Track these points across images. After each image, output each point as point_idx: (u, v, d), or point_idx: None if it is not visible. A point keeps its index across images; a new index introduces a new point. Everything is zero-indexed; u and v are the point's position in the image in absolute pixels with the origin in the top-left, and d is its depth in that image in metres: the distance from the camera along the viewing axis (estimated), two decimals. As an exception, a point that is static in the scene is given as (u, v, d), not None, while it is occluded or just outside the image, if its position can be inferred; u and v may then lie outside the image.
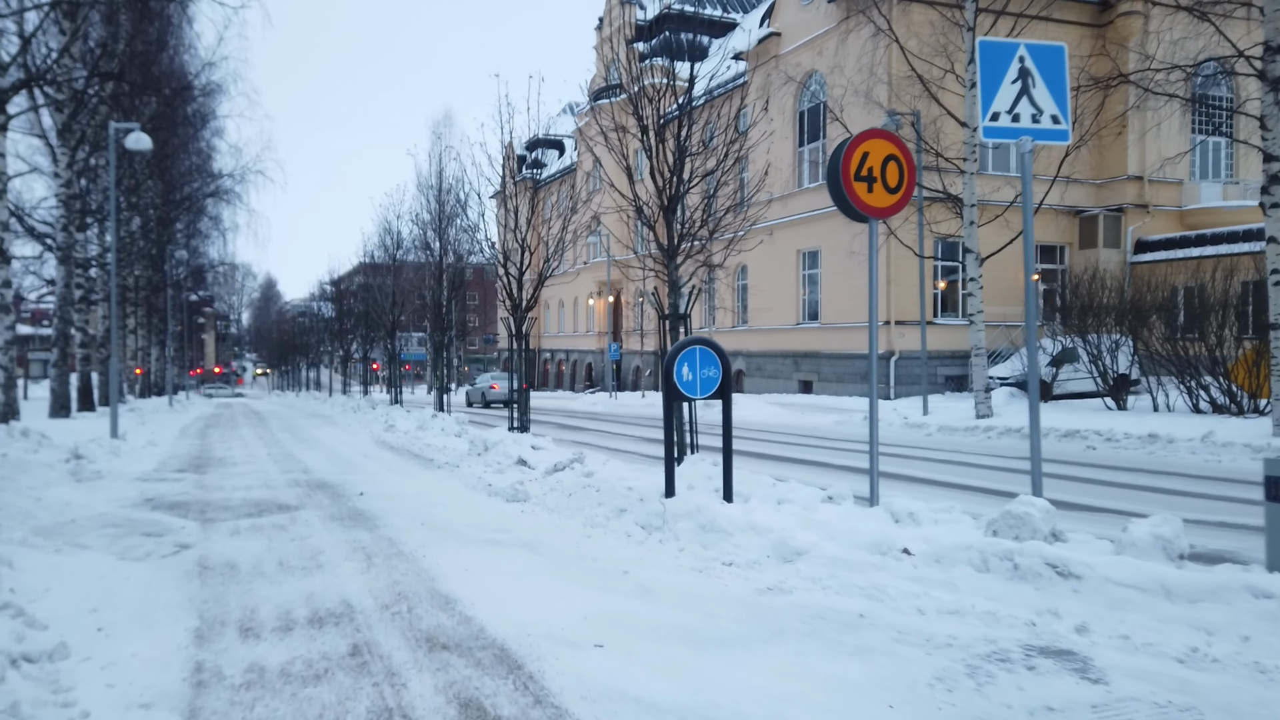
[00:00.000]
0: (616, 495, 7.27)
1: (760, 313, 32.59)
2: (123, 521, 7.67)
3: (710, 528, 5.89)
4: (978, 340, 17.35)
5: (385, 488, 9.79)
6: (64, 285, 19.37)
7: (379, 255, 27.26)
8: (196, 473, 11.56)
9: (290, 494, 9.41)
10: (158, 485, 10.20)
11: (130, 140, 13.41)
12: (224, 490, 9.76)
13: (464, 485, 9.98)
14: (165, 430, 19.03)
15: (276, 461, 12.93)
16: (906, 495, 8.04)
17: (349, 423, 22.10)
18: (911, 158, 5.88)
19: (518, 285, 12.47)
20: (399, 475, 11.04)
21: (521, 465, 11.26)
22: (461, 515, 7.83)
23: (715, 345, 6.71)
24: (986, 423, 16.07)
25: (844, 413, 22.24)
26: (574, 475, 9.78)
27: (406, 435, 16.72)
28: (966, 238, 17.20)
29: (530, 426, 12.99)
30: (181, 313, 49.91)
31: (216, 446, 15.78)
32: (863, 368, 28.15)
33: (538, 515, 7.72)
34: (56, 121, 19.54)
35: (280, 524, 7.56)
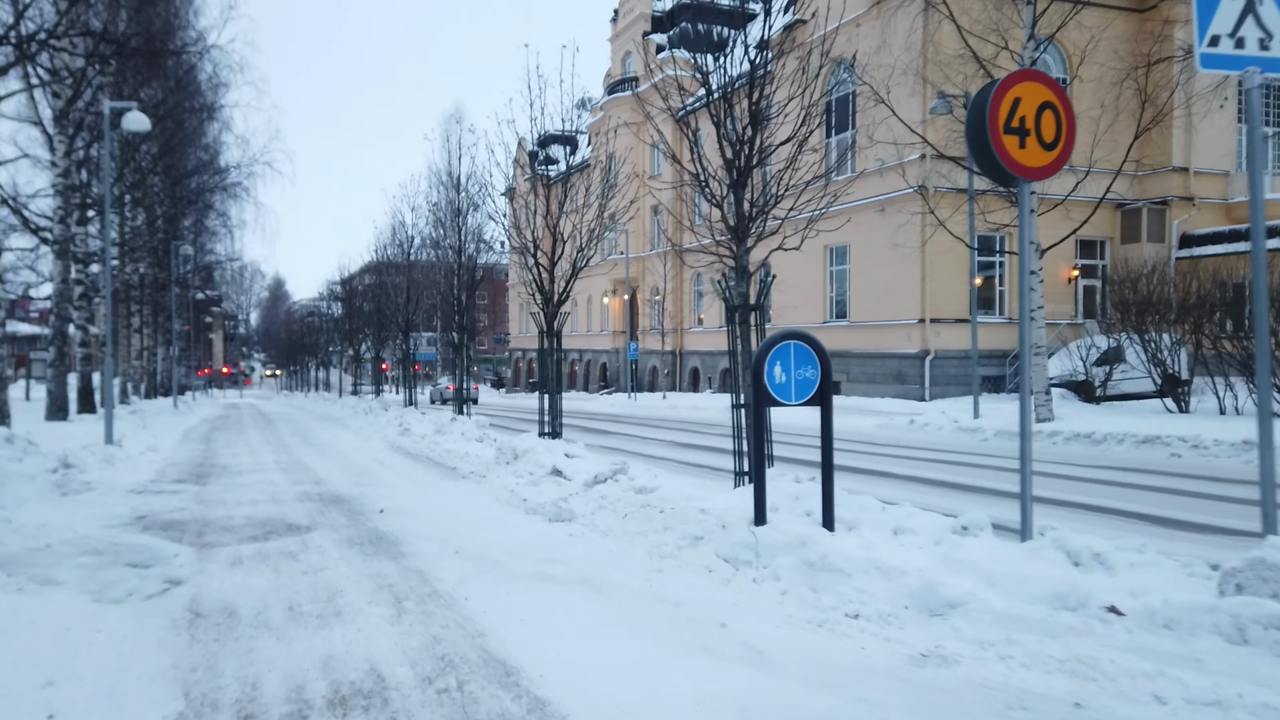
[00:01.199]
0: (687, 519, 6.13)
1: (784, 311, 31.35)
2: (106, 547, 6.57)
3: (820, 565, 4.74)
4: (1039, 338, 16.14)
5: (407, 503, 8.67)
6: (61, 281, 18.34)
7: (392, 250, 26.17)
8: (197, 483, 10.47)
9: (300, 511, 8.30)
10: (153, 499, 9.10)
11: (128, 120, 12.34)
12: (226, 506, 8.66)
13: (495, 500, 8.86)
14: (167, 434, 17.98)
15: (285, 470, 11.84)
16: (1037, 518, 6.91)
17: (361, 426, 21.01)
18: (1071, 106, 4.72)
19: (549, 278, 11.34)
20: (421, 487, 9.92)
21: (556, 476, 10.15)
22: (499, 539, 6.71)
23: (813, 340, 5.57)
24: (1050, 427, 14.88)
25: (883, 415, 21.05)
26: (620, 489, 8.66)
27: (424, 440, 15.61)
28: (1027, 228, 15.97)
29: (562, 432, 11.86)
30: (188, 311, 48.98)
31: (221, 452, 14.70)
32: (895, 368, 26.95)
33: (589, 540, 6.59)
34: (54, 107, 18.50)
35: (289, 550, 6.44)
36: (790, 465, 10.26)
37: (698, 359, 40.42)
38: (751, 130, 7.15)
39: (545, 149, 17.54)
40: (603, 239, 11.11)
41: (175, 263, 32.67)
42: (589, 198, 11.53)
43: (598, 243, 11.43)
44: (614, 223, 11.40)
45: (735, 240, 7.46)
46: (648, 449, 14.68)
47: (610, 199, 11.16)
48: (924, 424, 17.35)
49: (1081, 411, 17.35)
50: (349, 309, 40.46)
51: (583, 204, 11.48)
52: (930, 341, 25.96)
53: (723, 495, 6.75)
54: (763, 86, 7.13)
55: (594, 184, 11.53)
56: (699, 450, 14.34)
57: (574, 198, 11.65)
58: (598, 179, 11.54)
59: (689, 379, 41.33)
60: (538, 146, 12.60)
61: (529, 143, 12.18)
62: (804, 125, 7.48)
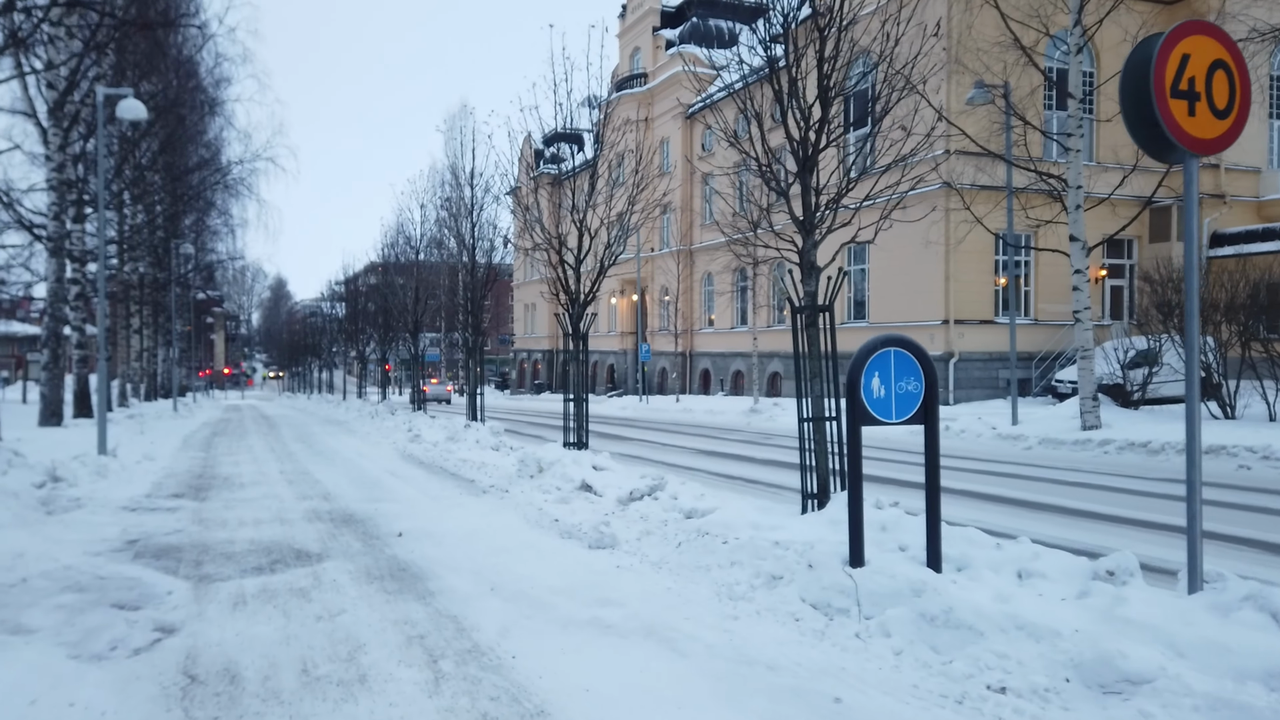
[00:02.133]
0: (759, 553, 5.31)
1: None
2: (91, 582, 5.76)
3: (944, 620, 3.93)
4: (1085, 340, 15.33)
5: (427, 523, 7.85)
6: (55, 280, 17.55)
7: (399, 247, 25.34)
8: (196, 498, 9.66)
9: (310, 533, 7.48)
10: (146, 519, 8.29)
11: (124, 108, 11.55)
12: (227, 527, 7.85)
13: (524, 520, 8.04)
14: (166, 440, 17.18)
15: (291, 482, 11.02)
16: (1122, 540, 6.10)
17: (368, 431, 20.21)
18: (1245, 66, 3.91)
19: (574, 276, 10.53)
20: (439, 504, 9.10)
21: (586, 492, 9.34)
22: (538, 571, 5.90)
23: (915, 346, 4.76)
24: (1099, 435, 14.05)
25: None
26: (661, 509, 7.86)
27: (436, 448, 14.80)
28: (1072, 224, 15.18)
29: (599, 444, 11.05)
30: (188, 312, 48.21)
31: (222, 460, 13.89)
32: (917, 370, 26.12)
33: (642, 575, 5.77)
34: (48, 99, 17.71)
35: (300, 586, 5.63)
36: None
37: (709, 360, 39.60)
38: (821, 108, 6.33)
39: (568, 141, 16.73)
40: (634, 233, 10.30)
41: (175, 262, 31.84)
42: (616, 189, 10.72)
43: (626, 238, 10.62)
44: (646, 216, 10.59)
45: (802, 232, 6.65)
46: (672, 458, 13.87)
47: (642, 190, 10.34)
48: (960, 431, 16.53)
49: (1125, 418, 16.53)
50: (353, 309, 39.67)
51: (610, 196, 10.66)
52: (954, 343, 25.14)
53: (793, 522, 5.93)
54: (837, 52, 6.31)
55: (622, 175, 10.72)
56: (730, 460, 13.52)
57: (598, 191, 10.83)
58: (626, 169, 10.72)
59: (699, 381, 40.52)
60: (561, 133, 11.77)
61: (553, 129, 11.36)
62: (882, 101, 6.67)
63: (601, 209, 10.63)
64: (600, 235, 10.57)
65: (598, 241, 10.63)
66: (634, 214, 10.38)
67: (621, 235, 10.36)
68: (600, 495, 9.23)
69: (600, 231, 10.56)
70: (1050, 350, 25.86)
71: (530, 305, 61.85)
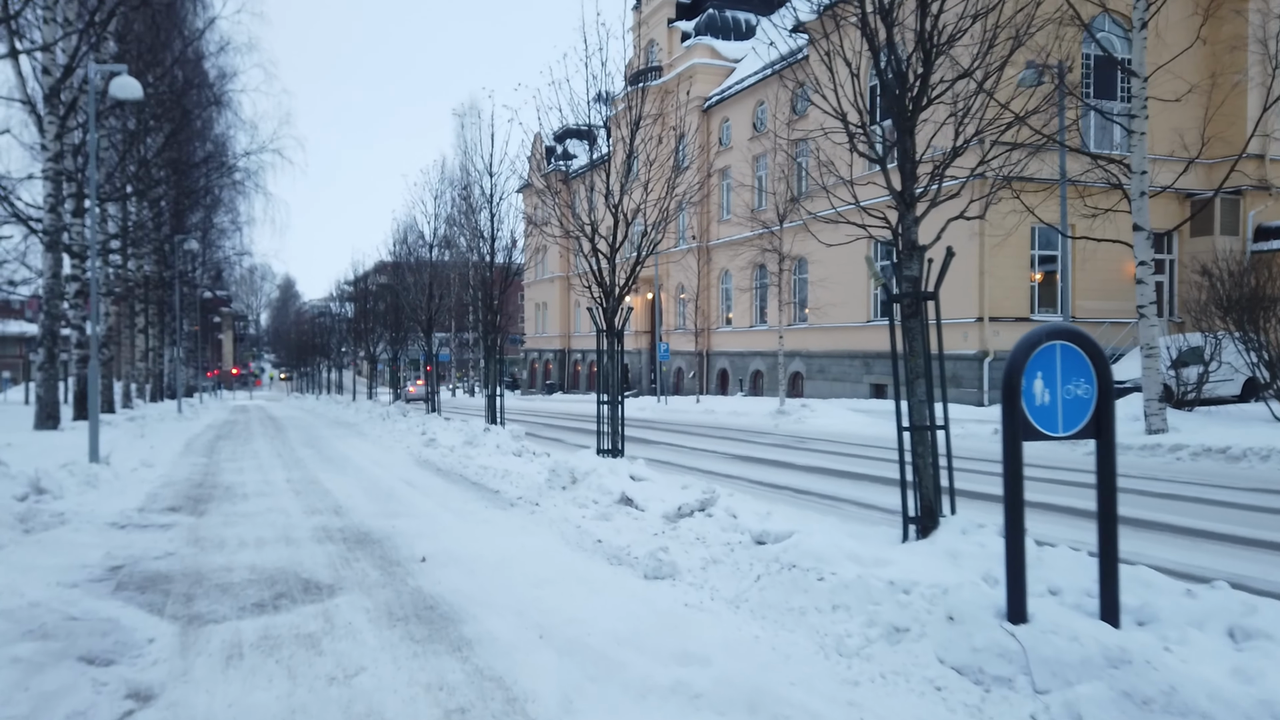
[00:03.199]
0: (872, 596, 4.32)
1: (822, 309, 29.53)
2: (58, 625, 4.81)
3: (1163, 706, 2.94)
4: (1149, 337, 14.25)
5: (453, 544, 6.89)
6: (52, 275, 16.67)
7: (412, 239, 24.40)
8: (194, 512, 8.72)
9: (319, 558, 6.53)
10: (136, 538, 7.35)
11: (117, 86, 10.65)
12: (225, 549, 6.90)
13: (562, 540, 7.08)
14: (167, 444, 16.27)
15: (298, 493, 10.08)
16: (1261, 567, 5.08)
17: (380, 434, 19.27)
18: None
19: (610, 266, 9.56)
20: (464, 520, 8.13)
21: (627, 506, 8.37)
22: (592, 610, 4.93)
23: (1086, 339, 3.75)
24: (1168, 439, 13.01)
25: (956, 423, 19.13)
26: (718, 529, 6.89)
27: (454, 453, 13.85)
28: (1136, 213, 14.13)
29: (625, 449, 10.08)
30: (194, 310, 47.41)
31: (225, 467, 12.97)
32: (954, 370, 25.07)
33: (719, 617, 4.80)
34: (44, 85, 16.84)
35: (308, 632, 4.67)
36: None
37: (726, 360, 38.60)
38: (924, 61, 5.34)
39: (589, 132, 15.70)
40: (674, 219, 9.32)
41: (178, 258, 30.97)
42: (653, 171, 9.74)
43: (667, 224, 9.65)
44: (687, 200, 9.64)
45: (900, 206, 5.66)
46: (706, 464, 12.88)
47: (685, 170, 9.37)
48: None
49: (1187, 420, 15.47)
50: (363, 307, 38.80)
51: (647, 180, 9.68)
52: (989, 342, 24.09)
53: (898, 554, 4.94)
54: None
55: (659, 157, 9.74)
56: (771, 467, 12.52)
57: (634, 174, 9.86)
58: (663, 149, 9.75)
59: (717, 381, 39.53)
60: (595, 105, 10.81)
61: (591, 97, 10.38)
62: (990, 52, 5.67)
63: (638, 194, 9.66)
64: (636, 222, 9.59)
65: (628, 233, 9.65)
66: (675, 198, 9.40)
67: (662, 221, 9.38)
68: (643, 510, 8.27)
69: (637, 218, 9.58)
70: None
71: (541, 304, 60.94)
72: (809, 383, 31.20)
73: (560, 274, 57.23)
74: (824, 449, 15.11)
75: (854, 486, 10.33)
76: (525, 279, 62.61)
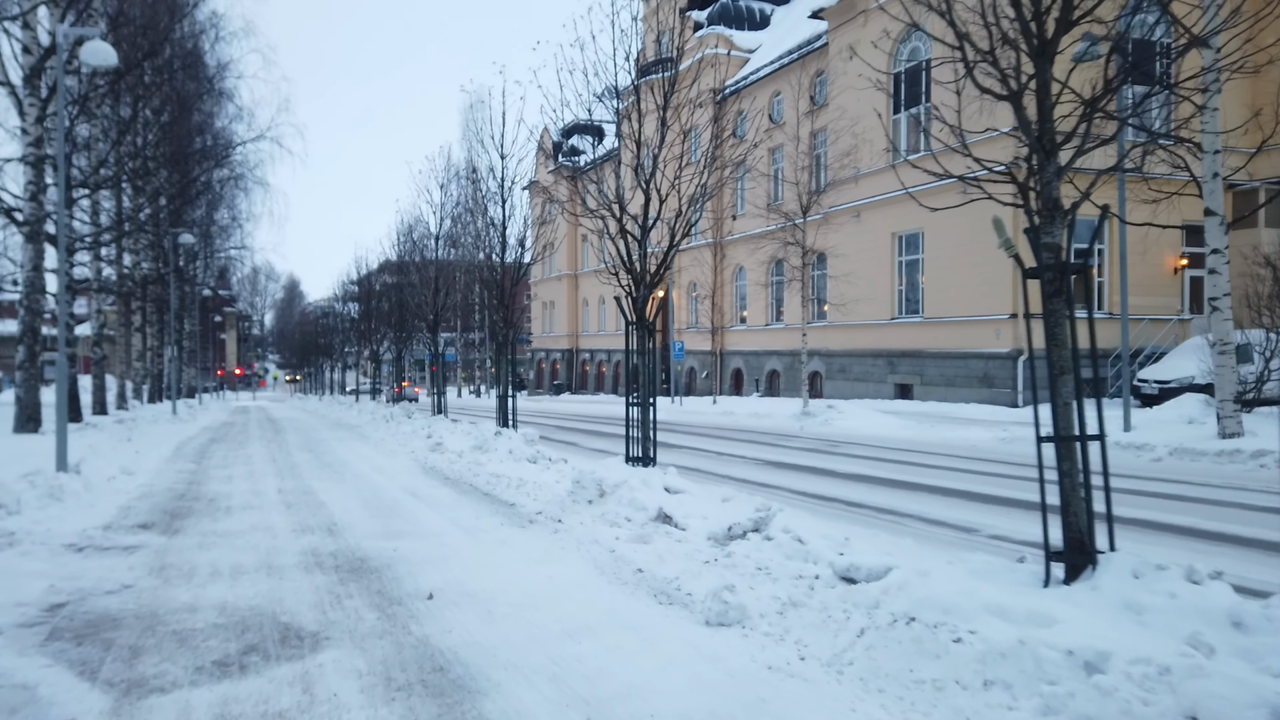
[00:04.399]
0: (1043, 670, 3.17)
1: (844, 306, 28.31)
2: (-46, 697, 3.68)
3: None
4: (1224, 331, 13.06)
5: (465, 574, 5.76)
6: (32, 267, 15.58)
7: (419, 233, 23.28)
8: (166, 531, 7.60)
9: (305, 593, 5.40)
10: (91, 565, 6.23)
11: (88, 52, 9.55)
12: (194, 580, 5.77)
13: (595, 569, 5.94)
14: (154, 449, 15.17)
15: (289, 506, 8.96)
16: None
17: (382, 437, 18.15)
18: None
19: (640, 250, 8.42)
20: (478, 541, 6.99)
21: (665, 524, 7.24)
22: (647, 674, 3.79)
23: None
24: (1248, 444, 11.82)
25: (987, 425, 18.00)
26: (783, 555, 5.77)
27: (462, 459, 12.73)
28: (1208, 196, 12.96)
29: (658, 456, 8.93)
30: (194, 308, 46.35)
31: (213, 475, 11.86)
32: (981, 369, 23.86)
33: (820, 691, 3.64)
34: (24, 65, 15.77)
35: (279, 709, 3.53)
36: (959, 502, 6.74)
37: (740, 360, 37.43)
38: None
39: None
40: (713, 195, 8.20)
41: (173, 252, 29.91)
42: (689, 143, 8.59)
43: (706, 199, 8.51)
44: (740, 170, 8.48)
45: (1037, 153, 4.53)
46: (736, 470, 11.72)
47: (725, 141, 8.23)
48: (1065, 438, 14.24)
49: (1259, 423, 14.26)
50: (366, 306, 37.71)
51: (681, 155, 8.53)
52: (1024, 339, 22.82)
53: (1050, 602, 3.78)
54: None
55: (699, 125, 8.60)
56: (811, 475, 11.36)
57: (669, 145, 8.71)
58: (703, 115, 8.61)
59: (731, 381, 38.35)
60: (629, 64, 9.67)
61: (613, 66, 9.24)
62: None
63: (671, 169, 8.51)
64: (670, 201, 8.45)
65: (660, 211, 8.50)
66: (713, 171, 8.27)
67: (700, 197, 8.24)
68: (684, 529, 7.14)
69: (670, 196, 8.44)
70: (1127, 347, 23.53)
71: (549, 303, 59.84)
72: (829, 383, 30.01)
73: (568, 272, 56.10)
74: (861, 454, 13.96)
75: (912, 499, 9.18)
76: (532, 277, 61.50)
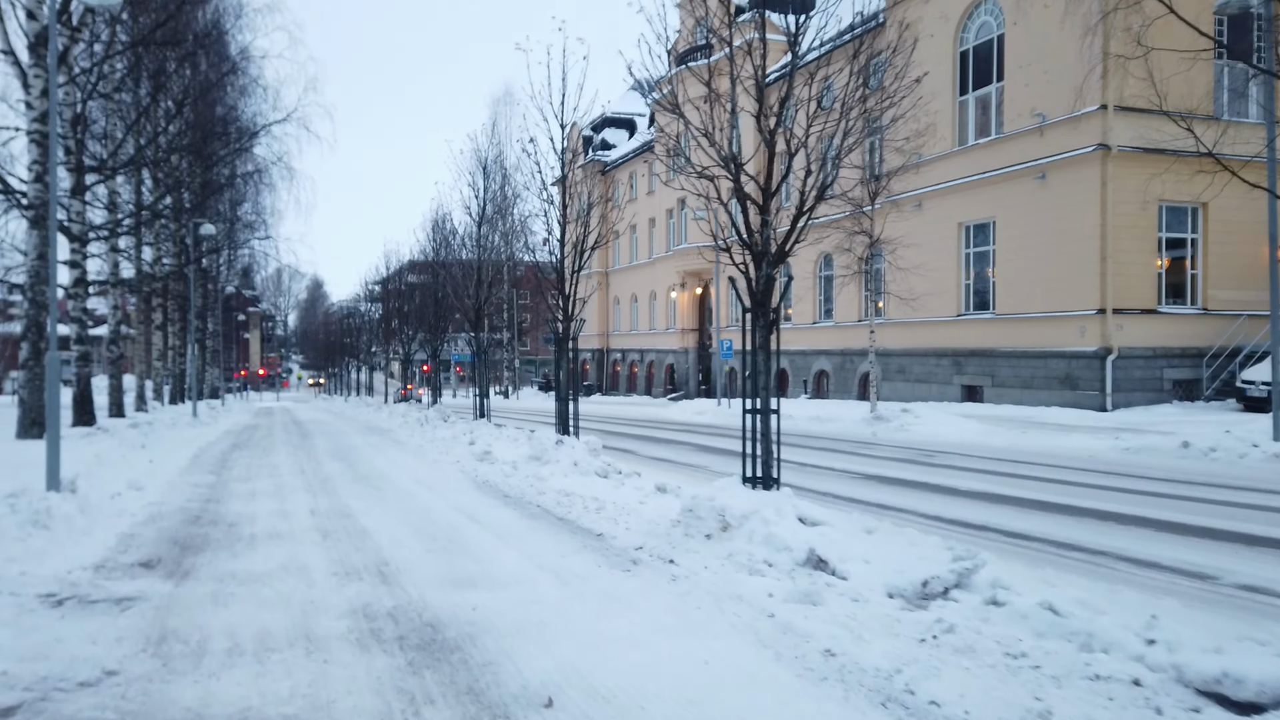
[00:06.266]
0: None
1: (909, 302, 26.40)
2: None
3: None
4: None
5: (583, 657, 4.06)
6: (38, 256, 14.12)
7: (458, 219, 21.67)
8: (172, 574, 5.96)
9: (361, 693, 3.70)
10: (69, 632, 4.59)
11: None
12: (204, 664, 4.10)
13: (762, 647, 4.22)
14: (170, 457, 13.63)
15: (326, 536, 7.31)
16: None
17: (420, 443, 16.54)
18: None
19: (761, 216, 6.71)
20: (581, 597, 5.28)
21: (819, 570, 5.53)
22: None
23: None
24: None
25: (1095, 432, 16.11)
26: (1030, 632, 4.09)
27: (518, 471, 11.08)
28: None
29: (781, 477, 7.19)
30: (216, 306, 45.08)
31: (234, 490, 10.26)
32: (1063, 370, 21.89)
33: None
34: (29, 32, 14.31)
35: None
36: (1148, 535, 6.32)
37: (785, 359, 35.51)
38: None
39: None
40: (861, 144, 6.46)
41: (195, 246, 28.50)
42: (820, 89, 6.86)
43: (849, 154, 6.78)
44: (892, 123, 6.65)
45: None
46: (836, 486, 9.93)
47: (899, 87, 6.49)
48: (1207, 449, 12.37)
49: None
50: (394, 306, 36.22)
51: (812, 95, 6.80)
52: (1112, 337, 20.87)
53: None
54: None
55: (833, 70, 6.86)
56: (926, 491, 9.58)
57: (797, 90, 6.99)
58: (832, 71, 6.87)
59: (775, 382, 36.47)
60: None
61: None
62: None
63: (800, 117, 6.78)
64: (799, 159, 6.72)
65: (788, 169, 6.77)
66: (856, 119, 6.54)
67: (854, 141, 6.50)
68: (845, 578, 5.44)
69: (799, 151, 6.71)
70: (1223, 346, 21.56)
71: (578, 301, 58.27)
72: (886, 384, 28.11)
73: (599, 269, 54.51)
74: (965, 465, 12.17)
75: (1086, 529, 7.40)
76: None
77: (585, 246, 11.68)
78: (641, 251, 50.25)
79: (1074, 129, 21.44)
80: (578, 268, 11.75)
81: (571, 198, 12.19)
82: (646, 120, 52.96)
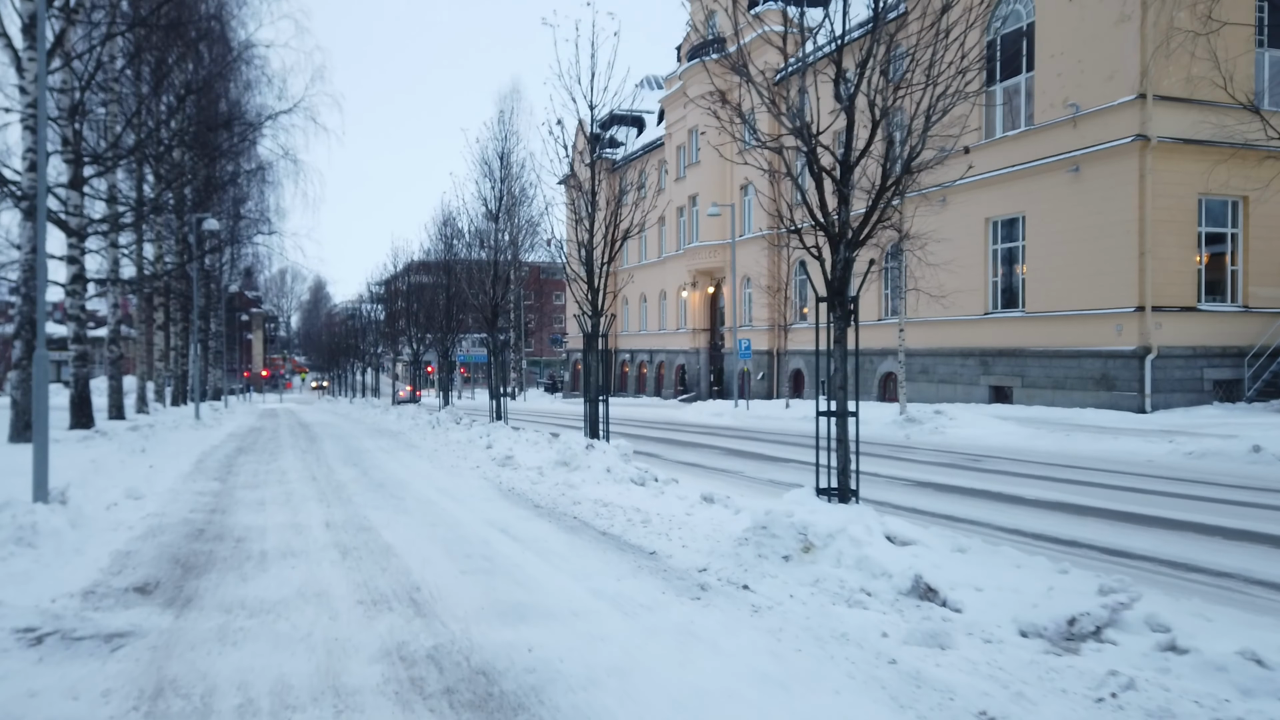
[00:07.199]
0: None
1: (929, 301, 25.57)
2: None
3: None
4: None
5: (676, 718, 3.27)
6: (31, 249, 13.35)
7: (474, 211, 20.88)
8: (173, 602, 5.18)
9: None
10: (45, 684, 3.80)
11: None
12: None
13: (896, 707, 3.42)
14: (172, 461, 12.85)
15: (345, 554, 6.51)
16: None
17: (434, 447, 15.74)
18: None
19: (839, 194, 5.92)
20: (653, 634, 4.48)
21: (928, 601, 4.74)
22: None
23: None
24: None
25: (1143, 435, 15.30)
26: (1235, 690, 3.21)
27: (545, 479, 10.28)
28: None
29: (860, 490, 6.40)
30: (219, 306, 44.34)
31: (241, 499, 9.48)
32: (1098, 370, 21.06)
33: None
34: (22, 13, 13.55)
35: None
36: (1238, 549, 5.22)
37: (801, 360, 34.74)
38: None
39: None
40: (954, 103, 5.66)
41: (198, 243, 27.74)
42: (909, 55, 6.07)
43: (943, 117, 6.00)
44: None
45: None
46: (888, 494, 9.13)
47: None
48: (1277, 455, 11.56)
49: None
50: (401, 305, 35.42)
51: (896, 57, 6.01)
52: (1151, 336, 20.03)
53: None
54: None
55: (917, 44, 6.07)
56: (986, 500, 8.78)
57: (879, 43, 6.20)
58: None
59: (790, 382, 35.70)
60: None
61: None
62: None
63: (880, 80, 5.99)
64: (881, 127, 5.92)
65: (871, 138, 5.98)
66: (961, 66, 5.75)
67: (943, 101, 5.71)
68: (959, 610, 4.64)
69: (883, 120, 5.92)
70: (1265, 345, 20.73)
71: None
72: (909, 385, 27.27)
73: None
74: (1018, 471, 11.39)
75: (1190, 545, 6.60)
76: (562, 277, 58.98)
77: (616, 236, 10.86)
78: (651, 250, 49.43)
79: (1110, 120, 20.62)
80: (607, 259, 10.94)
81: (600, 185, 11.38)
82: (656, 117, 52.12)
